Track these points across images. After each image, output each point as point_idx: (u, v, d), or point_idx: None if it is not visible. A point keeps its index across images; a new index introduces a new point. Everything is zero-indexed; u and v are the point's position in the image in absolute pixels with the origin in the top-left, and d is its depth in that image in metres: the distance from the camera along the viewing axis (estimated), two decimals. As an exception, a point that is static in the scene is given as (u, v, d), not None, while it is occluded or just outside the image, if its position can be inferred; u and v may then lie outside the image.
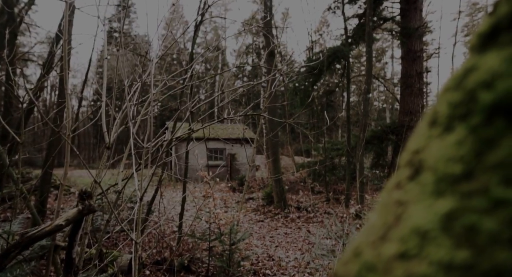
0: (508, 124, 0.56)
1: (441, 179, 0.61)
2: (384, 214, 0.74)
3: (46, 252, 3.79)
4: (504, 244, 0.47)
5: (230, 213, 12.31)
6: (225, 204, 16.86)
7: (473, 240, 0.50)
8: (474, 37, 0.80)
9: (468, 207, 0.54)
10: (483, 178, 0.55)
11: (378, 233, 0.70)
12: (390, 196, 0.78)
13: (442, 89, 0.81)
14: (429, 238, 0.56)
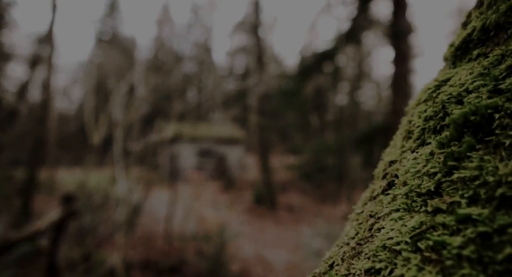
0: (476, 140, 0.57)
1: (412, 194, 0.61)
2: (358, 226, 0.74)
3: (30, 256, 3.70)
4: (470, 263, 0.47)
5: (219, 214, 12.25)
6: (214, 205, 16.79)
7: (440, 258, 0.50)
8: (448, 48, 0.81)
9: (436, 224, 0.54)
10: (451, 195, 0.55)
11: (351, 245, 0.70)
12: (364, 207, 0.78)
13: (415, 100, 0.82)
14: (398, 254, 0.56)
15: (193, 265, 8.68)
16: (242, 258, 9.95)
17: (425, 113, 0.72)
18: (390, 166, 0.77)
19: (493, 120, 0.55)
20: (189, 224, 11.38)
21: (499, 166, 0.51)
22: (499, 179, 0.49)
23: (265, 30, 33.38)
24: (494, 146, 0.53)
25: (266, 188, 16.91)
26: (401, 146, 0.77)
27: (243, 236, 12.49)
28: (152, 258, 9.17)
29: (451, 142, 0.59)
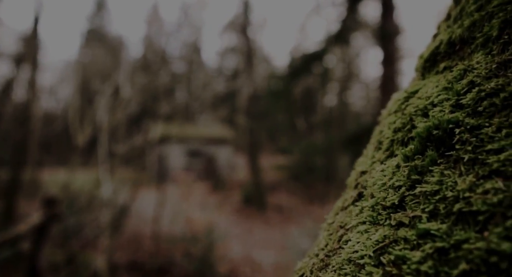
0: (439, 154, 0.58)
1: (378, 207, 0.61)
2: (328, 236, 0.74)
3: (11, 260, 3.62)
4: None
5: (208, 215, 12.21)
6: (202, 206, 16.71)
7: (400, 273, 0.50)
8: (418, 59, 0.82)
9: (399, 238, 0.55)
10: (414, 209, 0.56)
11: (320, 256, 0.71)
12: (335, 218, 0.78)
13: (387, 110, 0.83)
14: (362, 268, 0.56)
15: (181, 266, 8.63)
16: (231, 259, 9.93)
17: (394, 125, 0.72)
18: (361, 176, 0.77)
19: (454, 135, 0.56)
20: (177, 225, 11.31)
21: (458, 181, 0.51)
22: (457, 195, 0.50)
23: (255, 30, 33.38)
24: (454, 161, 0.54)
25: (255, 188, 16.91)
26: (371, 156, 0.78)
27: (231, 237, 12.47)
28: (139, 259, 9.08)
29: (415, 156, 0.60)
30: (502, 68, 0.56)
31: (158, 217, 10.22)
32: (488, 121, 0.53)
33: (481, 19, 0.64)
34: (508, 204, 0.45)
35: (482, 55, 0.61)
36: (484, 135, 0.52)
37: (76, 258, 5.40)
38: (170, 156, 22.97)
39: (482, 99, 0.55)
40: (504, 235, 0.43)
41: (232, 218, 15.56)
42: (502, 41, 0.58)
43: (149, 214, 13.33)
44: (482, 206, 0.46)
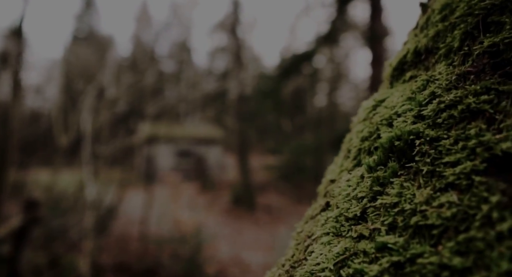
0: (400, 166, 0.57)
1: (341, 218, 0.61)
2: (296, 246, 0.74)
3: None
4: (383, 293, 0.48)
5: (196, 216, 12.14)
6: (191, 206, 16.62)
7: (358, 287, 0.50)
8: (387, 67, 0.82)
9: (359, 251, 0.54)
10: (374, 221, 0.55)
11: (285, 267, 0.70)
12: (304, 226, 0.78)
13: (356, 118, 0.82)
14: (323, 281, 0.56)
15: (169, 267, 8.57)
16: (219, 259, 9.90)
17: (362, 133, 0.72)
18: (330, 185, 0.77)
19: (414, 147, 0.56)
20: (165, 226, 11.22)
21: (416, 193, 0.51)
22: (415, 207, 0.50)
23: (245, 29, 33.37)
24: (414, 173, 0.54)
25: (244, 189, 16.90)
26: (340, 164, 0.77)
27: (220, 237, 12.43)
28: (126, 261, 8.98)
29: (378, 167, 0.60)
30: (461, 79, 0.56)
31: (146, 218, 10.11)
32: (447, 133, 0.53)
33: (444, 29, 0.64)
34: (461, 218, 0.45)
35: (444, 66, 0.61)
36: (442, 147, 0.52)
37: (60, 260, 5.30)
38: (158, 156, 22.78)
39: (441, 110, 0.55)
40: (456, 250, 0.43)
41: (221, 218, 15.52)
42: (463, 52, 0.59)
43: (136, 215, 13.21)
44: (437, 220, 0.46)
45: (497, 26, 0.55)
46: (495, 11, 0.56)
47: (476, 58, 0.56)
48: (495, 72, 0.52)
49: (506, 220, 0.41)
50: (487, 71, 0.54)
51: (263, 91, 20.62)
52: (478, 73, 0.55)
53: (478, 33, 0.58)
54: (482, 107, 0.50)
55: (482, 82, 0.52)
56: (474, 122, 0.51)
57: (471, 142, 0.49)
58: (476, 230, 0.43)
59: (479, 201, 0.44)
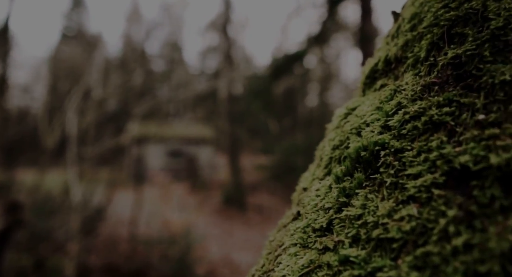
0: (366, 177, 0.57)
1: (309, 228, 0.60)
2: (266, 256, 0.73)
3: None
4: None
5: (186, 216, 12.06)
6: (182, 207, 16.54)
7: (320, 301, 0.50)
8: (362, 74, 0.82)
9: (323, 263, 0.53)
10: (339, 233, 0.55)
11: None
12: (276, 235, 0.77)
13: (330, 125, 0.82)
14: (287, 293, 0.55)
15: (158, 268, 8.51)
16: (209, 260, 9.86)
17: (333, 142, 0.72)
18: (302, 193, 0.77)
19: (379, 158, 0.55)
20: (154, 227, 11.14)
21: (379, 205, 0.51)
22: (377, 220, 0.50)
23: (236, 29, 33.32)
24: (378, 185, 0.54)
25: (236, 189, 16.87)
26: (312, 173, 0.77)
27: (211, 238, 12.39)
28: (115, 262, 8.88)
29: (345, 177, 0.59)
30: (426, 90, 0.56)
31: (135, 219, 10.03)
32: (410, 144, 0.53)
33: (413, 39, 0.65)
34: (419, 232, 0.45)
35: (411, 76, 0.61)
36: (406, 159, 0.52)
37: (45, 263, 5.22)
38: (149, 156, 22.59)
39: (406, 121, 0.55)
40: (414, 264, 0.43)
41: (211, 219, 15.47)
42: (429, 63, 0.59)
43: (126, 216, 13.10)
44: (397, 233, 0.46)
45: (461, 37, 0.56)
46: (459, 22, 0.57)
47: (441, 69, 0.56)
48: (458, 84, 0.53)
49: (462, 235, 0.41)
50: (450, 83, 0.54)
51: (254, 91, 20.63)
52: (442, 84, 0.55)
53: (443, 44, 0.58)
54: (444, 119, 0.51)
55: (445, 93, 0.53)
56: (436, 134, 0.51)
57: (432, 154, 0.49)
58: (433, 244, 0.43)
59: (437, 215, 0.44)
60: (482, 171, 0.44)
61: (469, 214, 0.42)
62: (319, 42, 21.71)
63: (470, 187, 0.44)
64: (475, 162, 0.44)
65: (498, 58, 0.50)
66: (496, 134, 0.45)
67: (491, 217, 0.41)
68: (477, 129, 0.47)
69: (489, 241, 0.39)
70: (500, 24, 0.51)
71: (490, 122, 0.46)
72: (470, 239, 0.40)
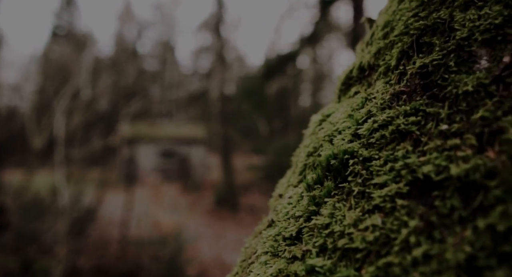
0: (335, 185, 0.57)
1: (279, 237, 0.60)
2: (240, 263, 0.73)
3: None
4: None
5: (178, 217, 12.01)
6: (174, 207, 16.46)
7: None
8: (338, 80, 0.82)
9: (291, 273, 0.53)
10: (307, 242, 0.55)
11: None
12: (251, 242, 0.77)
13: (306, 132, 0.82)
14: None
15: (149, 269, 8.46)
16: (201, 261, 9.83)
17: (308, 148, 0.72)
18: (277, 200, 0.77)
19: (348, 166, 0.56)
20: (145, 228, 11.06)
21: (346, 215, 0.51)
22: (343, 230, 0.50)
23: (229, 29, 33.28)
24: (346, 193, 0.54)
25: (228, 189, 16.85)
26: (288, 179, 0.77)
27: (202, 239, 12.34)
28: (105, 264, 8.80)
29: (316, 185, 0.59)
30: (395, 99, 0.56)
31: (126, 220, 9.95)
32: (378, 153, 0.53)
33: (385, 47, 0.65)
34: (382, 242, 0.45)
35: (382, 84, 0.61)
36: (373, 167, 0.52)
37: (32, 265, 5.14)
38: (141, 157, 22.43)
39: (375, 130, 0.55)
40: (375, 275, 0.43)
41: (203, 219, 15.42)
42: (399, 71, 0.59)
43: (116, 217, 13.00)
44: (361, 243, 0.46)
45: (429, 47, 0.56)
46: (428, 32, 0.57)
47: (409, 78, 0.56)
48: (425, 93, 0.53)
49: (421, 246, 0.41)
50: (418, 92, 0.54)
51: (246, 91, 20.63)
52: (410, 93, 0.55)
53: (413, 52, 0.58)
54: (410, 129, 0.51)
55: (412, 103, 0.53)
56: (402, 143, 0.51)
57: (398, 164, 0.49)
58: (395, 255, 0.43)
59: (400, 225, 0.44)
60: (443, 182, 0.44)
61: (430, 224, 0.42)
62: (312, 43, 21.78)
63: (432, 197, 0.44)
64: (437, 172, 0.45)
65: (462, 69, 0.51)
66: (458, 144, 0.45)
67: (450, 228, 0.41)
68: (440, 139, 0.47)
69: (446, 252, 0.39)
70: (465, 35, 0.52)
71: (453, 132, 0.47)
72: (429, 250, 0.41)
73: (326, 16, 21.99)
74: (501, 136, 0.42)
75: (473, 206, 0.41)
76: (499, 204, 0.39)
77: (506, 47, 0.48)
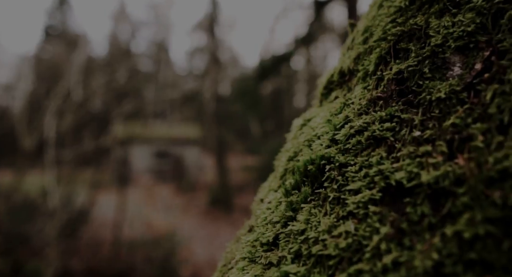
0: (312, 191, 0.57)
1: (257, 242, 0.60)
2: (221, 268, 0.73)
3: None
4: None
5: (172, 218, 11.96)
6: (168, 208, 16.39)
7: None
8: (320, 84, 0.82)
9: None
10: (283, 248, 0.55)
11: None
12: (233, 246, 0.77)
13: (288, 136, 0.82)
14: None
15: (142, 271, 8.41)
16: (194, 262, 9.79)
17: (288, 153, 0.72)
18: (258, 205, 0.76)
19: (325, 172, 0.56)
20: (138, 229, 11.00)
21: (322, 221, 0.51)
22: (318, 236, 0.50)
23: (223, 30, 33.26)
24: (323, 199, 0.54)
25: (222, 190, 16.82)
26: (270, 183, 0.77)
27: (196, 240, 12.30)
28: (97, 265, 8.74)
29: (293, 191, 0.59)
30: (371, 105, 0.56)
31: (119, 221, 9.89)
32: (354, 159, 0.53)
33: (364, 52, 0.65)
34: (355, 249, 0.45)
35: (360, 89, 0.61)
36: (349, 173, 0.52)
37: (23, 267, 5.08)
38: (135, 157, 22.31)
39: (352, 136, 0.55)
40: (347, 282, 0.43)
41: (197, 220, 15.37)
42: (376, 77, 0.59)
43: (109, 218, 12.91)
44: (334, 250, 0.46)
45: (405, 53, 0.56)
46: (405, 38, 0.57)
47: (386, 83, 0.57)
48: (400, 99, 0.53)
49: (392, 253, 0.41)
50: (394, 98, 0.54)
51: (241, 91, 20.63)
52: (387, 99, 0.55)
53: (390, 58, 0.58)
54: (384, 135, 0.51)
55: (388, 109, 0.53)
56: (377, 149, 0.51)
57: (372, 170, 0.49)
58: (366, 261, 0.43)
59: (372, 232, 0.45)
60: (414, 188, 0.44)
61: (400, 231, 0.43)
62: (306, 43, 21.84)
63: (404, 204, 0.45)
64: (409, 179, 0.45)
65: (436, 75, 0.51)
66: (429, 151, 0.45)
67: (420, 235, 0.41)
68: (413, 146, 0.47)
69: (415, 259, 0.39)
70: (439, 42, 0.52)
71: (425, 139, 0.47)
72: (399, 257, 0.41)
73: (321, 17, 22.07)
74: (470, 143, 0.42)
75: (442, 213, 0.41)
76: (466, 211, 0.39)
77: (478, 54, 0.48)
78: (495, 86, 0.44)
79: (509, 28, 0.46)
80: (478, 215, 0.38)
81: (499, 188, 0.38)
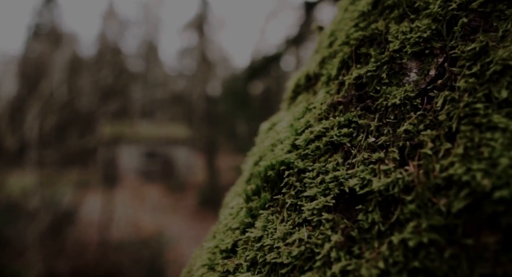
0: (271, 197, 0.56)
1: (216, 249, 0.58)
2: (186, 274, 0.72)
3: None
4: None
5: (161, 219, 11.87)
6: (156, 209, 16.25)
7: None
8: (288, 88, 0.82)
9: (222, 287, 0.53)
10: (240, 256, 0.54)
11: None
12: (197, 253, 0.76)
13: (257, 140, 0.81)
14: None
15: (129, 272, 8.33)
16: (183, 263, 9.72)
17: (254, 157, 0.71)
18: (224, 209, 0.75)
19: (283, 178, 0.55)
20: (126, 230, 10.88)
21: (278, 228, 0.50)
22: (273, 244, 0.49)
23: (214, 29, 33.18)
24: (281, 206, 0.53)
25: (212, 190, 16.75)
26: (236, 188, 0.76)
27: (185, 240, 12.21)
28: (83, 267, 8.62)
29: (254, 196, 0.58)
30: (332, 110, 0.56)
31: (106, 222, 9.77)
32: (312, 165, 0.52)
33: (329, 56, 0.65)
34: (306, 256, 0.44)
35: (323, 94, 0.61)
36: (306, 179, 0.51)
37: (5, 270, 4.96)
38: (123, 157, 22.05)
39: (311, 141, 0.55)
40: (297, 291, 0.42)
41: (186, 221, 15.28)
42: (338, 81, 0.59)
43: (96, 219, 12.72)
44: (287, 258, 0.46)
45: (366, 57, 0.56)
46: (366, 42, 0.57)
47: (347, 88, 0.56)
48: (359, 105, 0.53)
49: (341, 261, 0.41)
50: (353, 103, 0.54)
51: (231, 91, 20.59)
52: (347, 104, 0.55)
53: (352, 63, 0.58)
54: (342, 140, 0.51)
55: (347, 114, 0.53)
56: (335, 155, 0.51)
57: (328, 176, 0.49)
58: (316, 270, 0.42)
59: (324, 240, 0.44)
60: (367, 195, 0.44)
61: (350, 239, 0.42)
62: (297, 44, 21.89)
63: (356, 211, 0.44)
64: (361, 186, 0.45)
65: (393, 81, 0.51)
66: (382, 158, 0.45)
67: (369, 243, 0.41)
68: (368, 152, 0.47)
69: (361, 267, 0.39)
70: (397, 47, 0.52)
71: (379, 145, 0.47)
72: (347, 265, 0.40)
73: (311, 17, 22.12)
74: (420, 150, 0.42)
75: (391, 220, 0.41)
76: (413, 218, 0.39)
77: (433, 60, 0.48)
78: (446, 93, 0.44)
79: (461, 35, 0.46)
80: (423, 223, 0.38)
81: (444, 195, 0.38)
